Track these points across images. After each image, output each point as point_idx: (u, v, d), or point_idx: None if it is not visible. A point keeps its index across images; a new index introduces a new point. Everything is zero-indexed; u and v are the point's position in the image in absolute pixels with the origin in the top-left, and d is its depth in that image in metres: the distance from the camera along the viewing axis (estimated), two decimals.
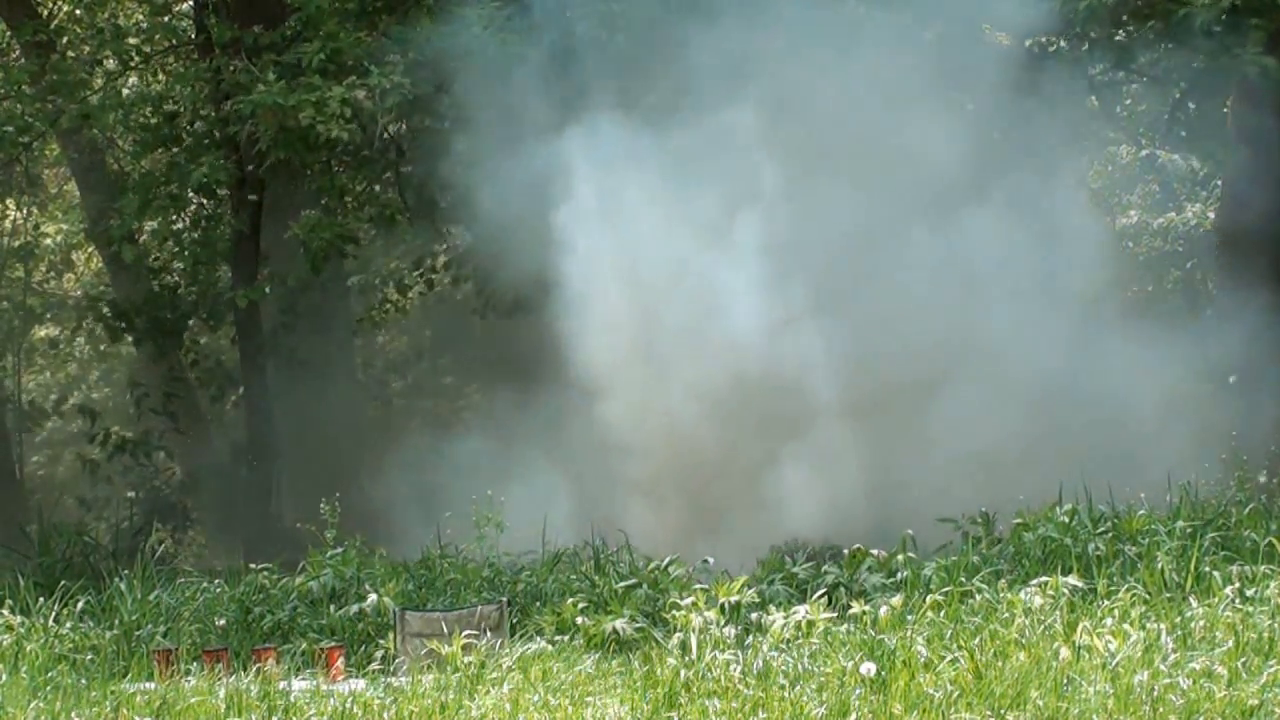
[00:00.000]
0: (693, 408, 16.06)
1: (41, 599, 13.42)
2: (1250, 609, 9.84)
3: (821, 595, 11.39)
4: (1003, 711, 8.02)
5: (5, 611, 12.84)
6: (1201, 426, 15.22)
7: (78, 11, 22.96)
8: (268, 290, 18.93)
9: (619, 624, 11.50)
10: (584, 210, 16.84)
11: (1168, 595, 10.61)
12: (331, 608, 13.17)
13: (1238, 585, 10.51)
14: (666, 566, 13.04)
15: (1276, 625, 9.46)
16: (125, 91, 20.85)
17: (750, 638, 10.41)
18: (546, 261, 17.58)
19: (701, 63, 16.85)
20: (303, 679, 10.34)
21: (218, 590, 14.12)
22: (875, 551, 13.04)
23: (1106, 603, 10.31)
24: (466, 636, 10.66)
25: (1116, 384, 15.41)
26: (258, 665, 10.46)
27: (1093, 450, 14.40)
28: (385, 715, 8.61)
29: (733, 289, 16.41)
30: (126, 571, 15.21)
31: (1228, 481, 14.00)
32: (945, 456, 14.72)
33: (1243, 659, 8.56)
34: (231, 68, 18.05)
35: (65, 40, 21.83)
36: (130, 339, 21.32)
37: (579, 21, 17.81)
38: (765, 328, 15.97)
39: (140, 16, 22.93)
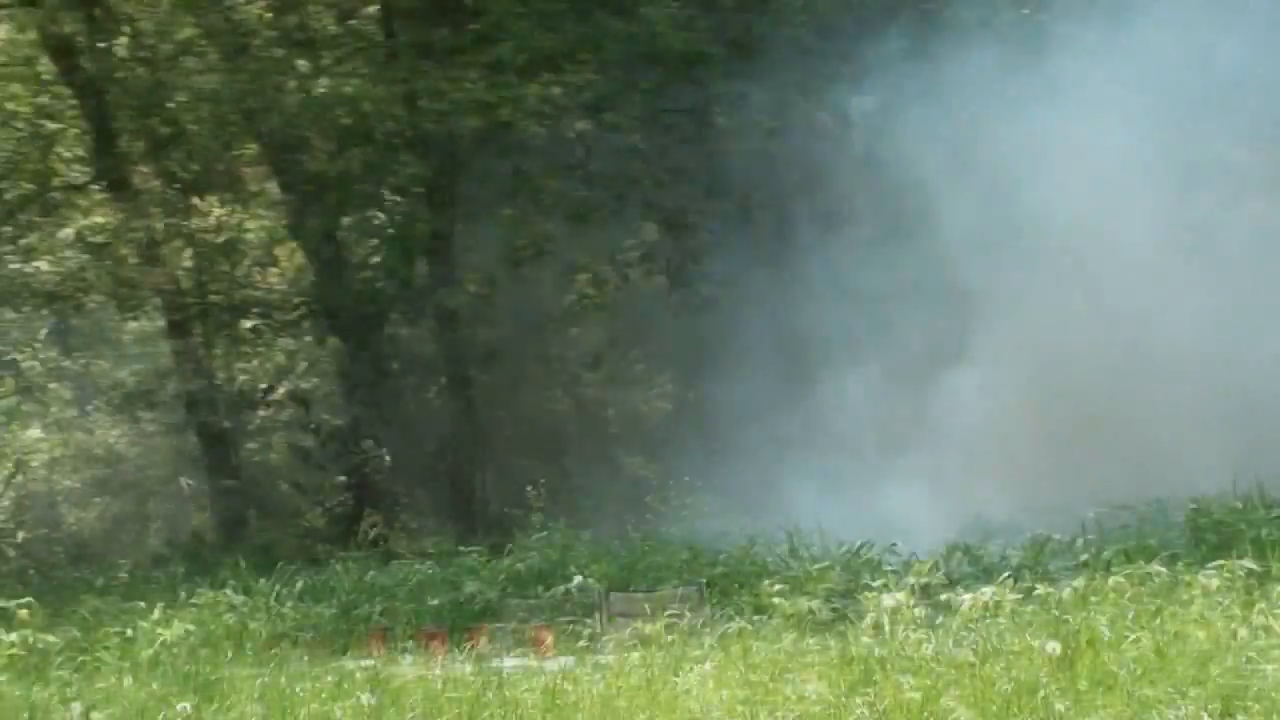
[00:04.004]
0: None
1: (261, 580, 14.29)
2: None
3: (1007, 577, 11.50)
4: (1185, 689, 7.94)
5: (228, 591, 13.72)
6: None
7: (268, 15, 23.04)
8: (470, 289, 19.34)
9: (814, 604, 11.60)
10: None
11: None
12: (539, 588, 13.52)
13: None
14: (859, 549, 13.20)
15: None
16: (319, 93, 20.95)
17: (940, 617, 10.59)
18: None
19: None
20: (513, 657, 10.76)
21: (429, 571, 14.55)
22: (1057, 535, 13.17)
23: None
24: (669, 616, 10.96)
25: None
26: (470, 644, 10.95)
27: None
28: (594, 692, 8.75)
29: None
30: (341, 553, 16.04)
31: None
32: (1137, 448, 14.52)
33: None
34: (424, 69, 18.50)
35: (258, 44, 22.28)
36: (335, 334, 21.77)
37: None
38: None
39: (328, 21, 23.15)
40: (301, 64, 22.34)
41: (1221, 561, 11.12)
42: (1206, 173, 15.60)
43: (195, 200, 23.35)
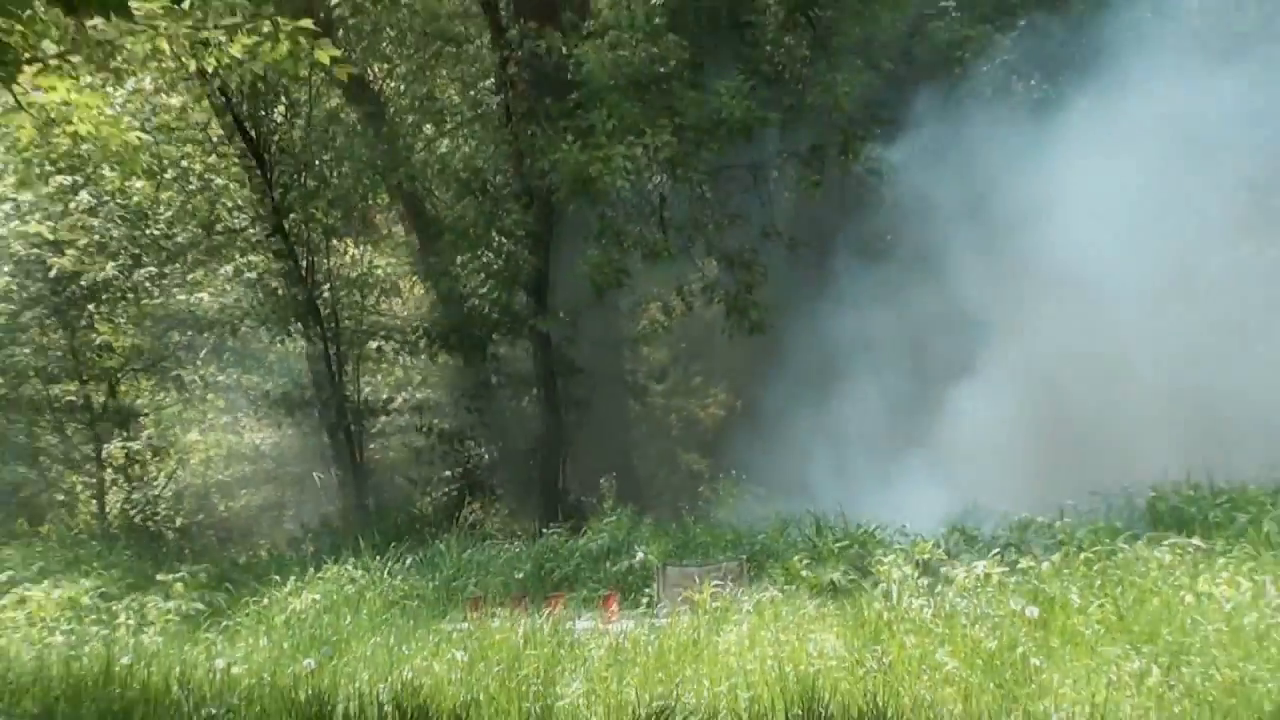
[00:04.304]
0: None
1: (377, 557, 14.44)
2: None
3: (996, 553, 11.69)
4: (1140, 646, 8.31)
5: (349, 567, 14.03)
6: None
7: (402, 87, 23.52)
8: (562, 315, 19.44)
9: (835, 576, 11.78)
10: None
11: (1272, 553, 10.66)
12: (607, 563, 13.75)
13: None
14: (873, 530, 13.27)
15: None
16: (441, 152, 21.35)
17: (938, 586, 10.83)
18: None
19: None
20: (585, 619, 10.84)
21: (517, 550, 14.80)
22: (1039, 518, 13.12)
23: (1223, 559, 10.52)
24: (714, 586, 11.30)
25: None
26: (549, 609, 11.10)
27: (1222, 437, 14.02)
28: (650, 649, 8.96)
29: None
30: (445, 535, 16.09)
31: None
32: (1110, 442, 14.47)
33: None
34: (530, 133, 18.50)
35: (392, 111, 22.54)
36: (447, 353, 21.90)
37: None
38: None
39: (452, 92, 23.62)
40: (428, 128, 22.69)
41: (1174, 540, 11.19)
42: (1187, 221, 15.52)
43: (334, 242, 23.60)
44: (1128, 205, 15.52)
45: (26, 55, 7.46)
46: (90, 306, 23.06)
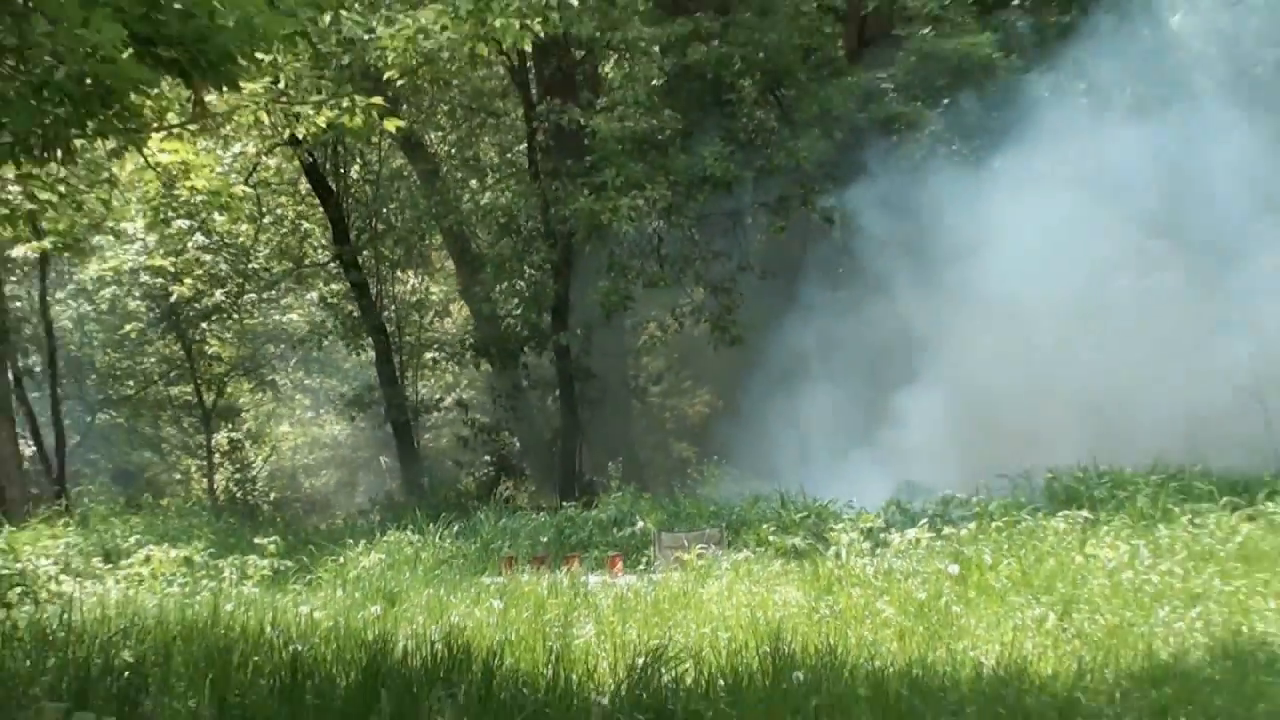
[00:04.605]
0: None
1: (430, 525, 14.37)
2: (1197, 531, 10.18)
3: (925, 523, 11.61)
4: (1039, 596, 8.35)
5: (408, 532, 13.96)
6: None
7: (452, 150, 23.69)
8: (578, 332, 19.43)
9: (796, 541, 11.69)
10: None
11: (1144, 523, 10.77)
12: (614, 530, 13.62)
13: (1190, 517, 10.70)
14: (827, 505, 13.20)
15: (1214, 542, 9.67)
16: (482, 201, 21.31)
17: (879, 549, 10.84)
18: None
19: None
20: (595, 575, 10.88)
21: (541, 519, 14.63)
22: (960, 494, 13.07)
23: (1105, 528, 10.59)
24: (699, 549, 11.30)
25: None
26: (567, 567, 11.11)
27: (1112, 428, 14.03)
28: (648, 599, 8.97)
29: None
30: (484, 507, 16.00)
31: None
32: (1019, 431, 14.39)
33: (1192, 564, 8.97)
34: (554, 186, 18.54)
35: (444, 169, 22.73)
36: (486, 362, 21.87)
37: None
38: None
39: (492, 153, 23.73)
40: (472, 183, 22.78)
41: (1067, 512, 11.19)
42: (1086, 255, 15.39)
43: (398, 273, 23.83)
44: (1038, 243, 15.35)
45: (155, 124, 7.48)
46: (203, 324, 23.31)
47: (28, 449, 21.31)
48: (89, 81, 5.15)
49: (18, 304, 21.67)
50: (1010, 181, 16.04)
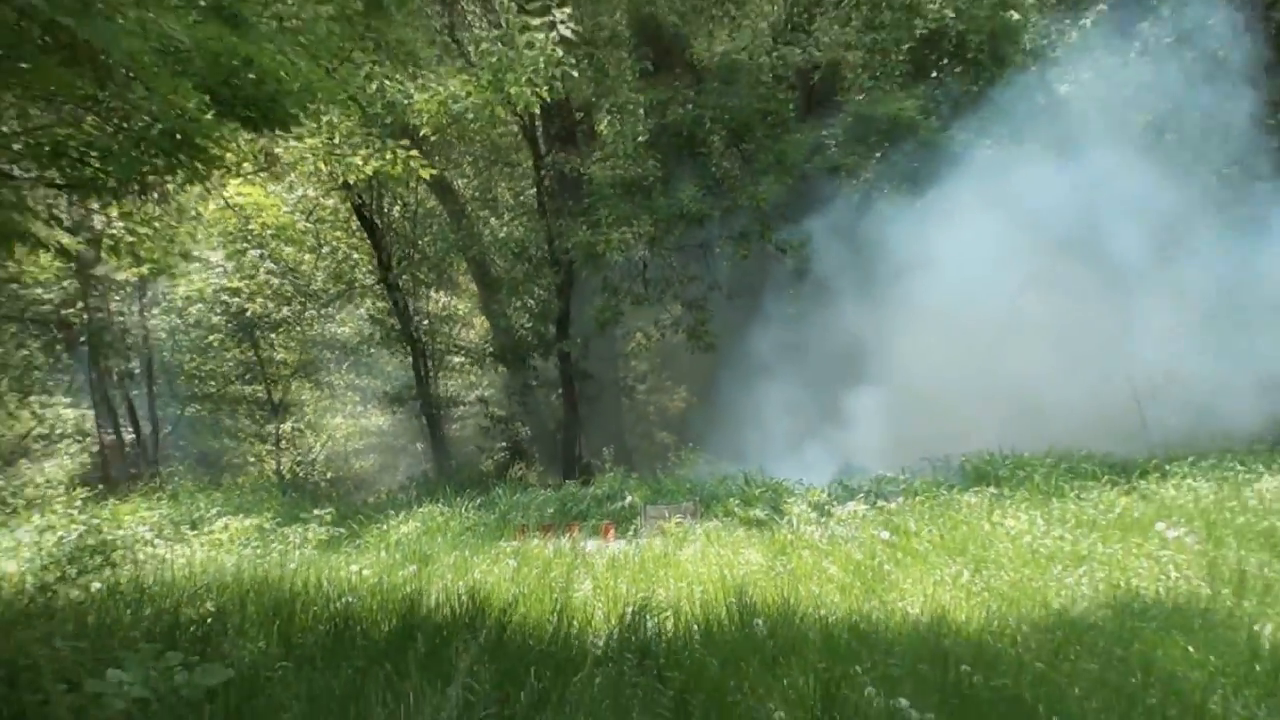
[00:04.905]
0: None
1: (456, 499, 14.43)
2: (1083, 504, 10.21)
3: (863, 497, 11.81)
4: (955, 557, 8.39)
5: (439, 505, 14.00)
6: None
7: (474, 191, 23.37)
8: (578, 340, 19.31)
9: (757, 512, 11.73)
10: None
11: (1040, 497, 10.83)
12: (607, 503, 13.54)
13: (1077, 493, 10.80)
14: (783, 483, 13.21)
15: (1097, 513, 9.68)
16: (500, 234, 21.34)
17: (826, 520, 10.91)
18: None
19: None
20: (592, 541, 10.84)
21: (547, 495, 14.54)
22: (890, 473, 13.27)
23: (1009, 501, 10.66)
24: (677, 519, 11.44)
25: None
26: (568, 534, 11.21)
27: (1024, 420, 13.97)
28: (635, 560, 8.97)
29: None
30: (500, 485, 15.92)
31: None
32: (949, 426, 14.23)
33: (1079, 530, 8.99)
34: (558, 222, 18.52)
35: (468, 208, 22.50)
36: (502, 365, 21.88)
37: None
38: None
39: (507, 195, 23.54)
40: (492, 219, 22.68)
41: (978, 489, 11.25)
42: (1008, 275, 15.30)
43: (430, 293, 23.62)
44: (957, 266, 15.31)
45: (232, 171, 7.47)
46: (271, 335, 23.20)
47: (129, 437, 21.52)
48: (178, 137, 5.14)
49: (121, 319, 21.66)
50: (933, 217, 16.04)
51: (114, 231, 7.53)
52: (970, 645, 5.61)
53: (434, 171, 9.94)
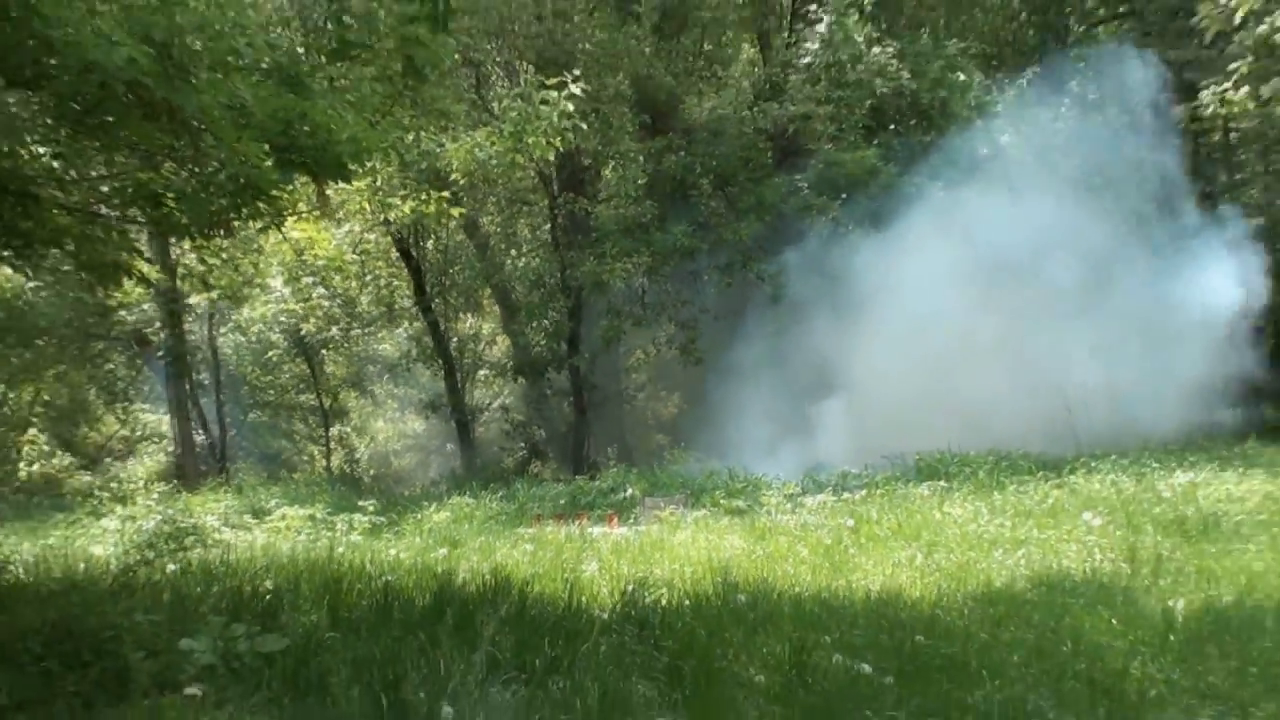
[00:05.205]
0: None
1: (482, 492, 14.40)
2: (1021, 496, 10.15)
3: (830, 490, 11.77)
4: (910, 542, 8.32)
5: (467, 497, 13.97)
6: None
7: (497, 228, 22.86)
8: (586, 356, 19.11)
9: (739, 503, 11.61)
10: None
11: (984, 490, 10.79)
12: (611, 495, 13.50)
13: (1015, 486, 10.74)
14: (762, 477, 13.14)
15: (1032, 503, 9.62)
16: (520, 265, 21.11)
17: (798, 509, 10.84)
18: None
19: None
20: (598, 527, 10.80)
21: (560, 488, 14.46)
22: (854, 469, 13.20)
23: (957, 494, 10.62)
24: (671, 509, 11.35)
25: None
26: (578, 522, 11.15)
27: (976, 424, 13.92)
28: (635, 544, 8.82)
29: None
30: (520, 480, 15.97)
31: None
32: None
33: (1017, 518, 8.91)
34: (569, 255, 18.45)
35: (492, 242, 22.27)
36: (521, 378, 21.66)
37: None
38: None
39: (526, 231, 23.34)
40: (512, 252, 22.55)
41: (930, 482, 11.15)
42: (976, 293, 15.19)
43: (460, 315, 23.53)
44: (915, 291, 15.28)
45: (289, 210, 7.50)
46: (323, 351, 23.22)
47: (200, 439, 21.50)
48: (242, 181, 5.17)
49: (193, 337, 21.75)
50: (892, 250, 16.01)
51: (188, 263, 7.54)
52: (923, 618, 5.59)
53: (463, 211, 10.03)
